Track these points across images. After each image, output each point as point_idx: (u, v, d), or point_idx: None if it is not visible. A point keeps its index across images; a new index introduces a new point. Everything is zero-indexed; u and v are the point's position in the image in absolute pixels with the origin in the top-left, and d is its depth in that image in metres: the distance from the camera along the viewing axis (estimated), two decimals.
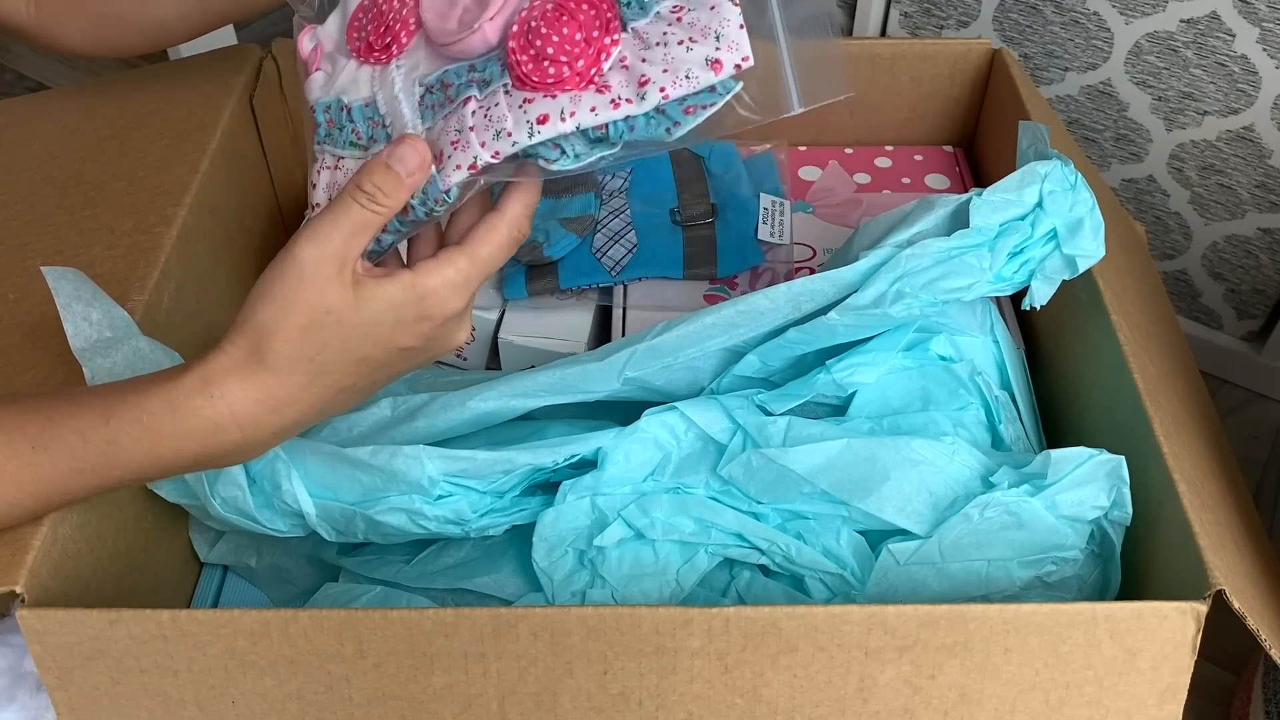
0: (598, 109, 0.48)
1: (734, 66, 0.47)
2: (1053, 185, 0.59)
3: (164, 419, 0.48)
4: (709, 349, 0.62)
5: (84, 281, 0.58)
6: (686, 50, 0.47)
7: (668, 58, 0.48)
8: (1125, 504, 0.57)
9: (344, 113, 0.55)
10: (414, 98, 0.53)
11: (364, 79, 0.55)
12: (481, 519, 0.60)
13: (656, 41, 0.48)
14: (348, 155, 0.54)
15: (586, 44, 0.49)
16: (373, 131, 0.54)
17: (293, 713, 0.52)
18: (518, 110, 0.49)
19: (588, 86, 0.48)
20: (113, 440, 0.48)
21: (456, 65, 0.52)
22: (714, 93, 0.47)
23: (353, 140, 0.54)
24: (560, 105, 0.48)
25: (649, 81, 0.48)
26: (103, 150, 0.71)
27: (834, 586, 0.59)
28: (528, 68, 0.49)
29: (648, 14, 0.49)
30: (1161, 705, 0.52)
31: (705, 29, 0.48)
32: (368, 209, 0.48)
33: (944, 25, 1.19)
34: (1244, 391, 1.21)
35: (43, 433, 0.48)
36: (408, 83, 0.53)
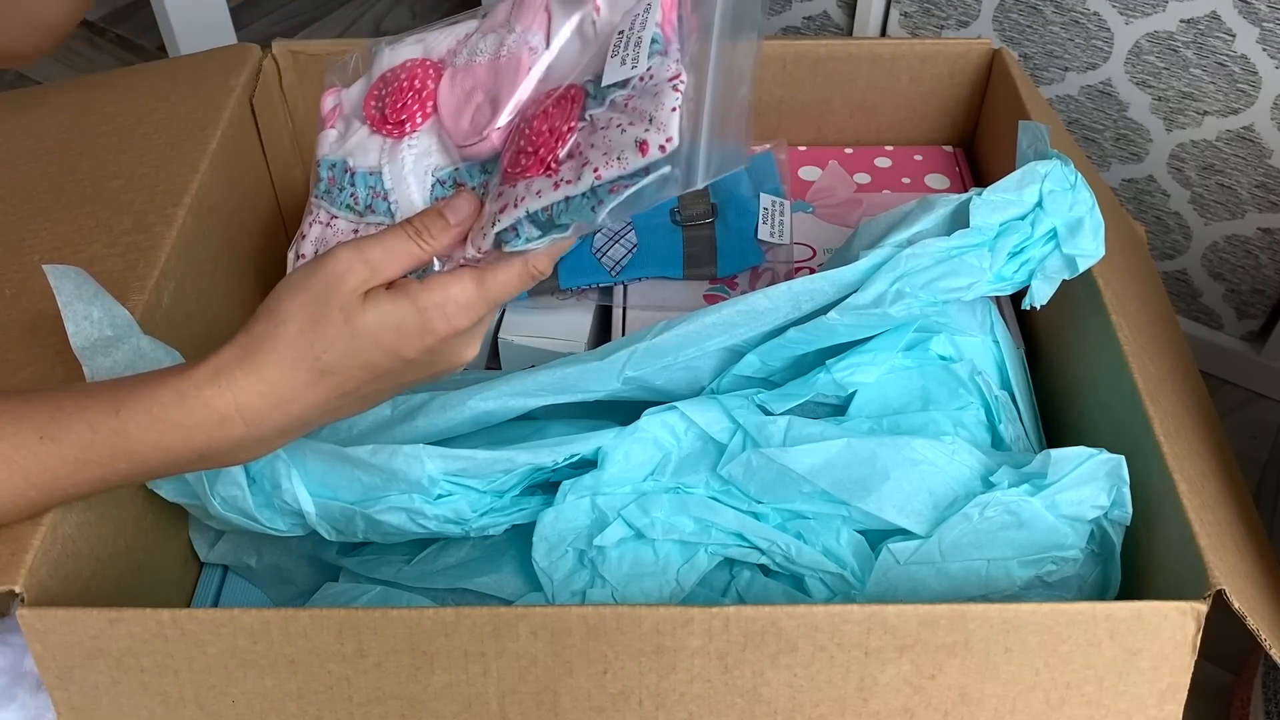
0: (543, 192, 0.50)
1: (659, 148, 0.48)
2: (1053, 185, 0.59)
3: (173, 409, 0.48)
4: (709, 349, 0.62)
5: (85, 280, 0.58)
6: (621, 132, 0.49)
7: (606, 140, 0.50)
8: (1125, 504, 0.57)
9: (347, 175, 0.58)
10: (425, 185, 0.57)
11: (373, 147, 0.58)
12: (481, 518, 0.60)
13: (603, 126, 0.50)
14: (342, 216, 0.58)
15: (550, 134, 0.52)
16: (372, 201, 0.57)
17: (293, 712, 0.52)
18: (492, 204, 0.52)
19: (543, 173, 0.51)
20: (121, 431, 0.48)
21: (469, 164, 0.56)
22: (645, 174, 0.49)
23: (349, 204, 0.58)
24: (517, 193, 0.51)
25: (587, 164, 0.50)
26: (101, 147, 0.71)
27: (834, 586, 0.59)
28: (507, 162, 0.53)
29: (604, 103, 0.51)
30: (1161, 705, 0.52)
31: (643, 113, 0.49)
32: (413, 240, 0.51)
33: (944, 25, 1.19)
34: (1244, 391, 1.21)
35: (51, 422, 0.48)
36: (419, 167, 0.57)
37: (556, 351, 0.73)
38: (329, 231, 0.58)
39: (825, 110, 0.88)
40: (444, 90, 0.58)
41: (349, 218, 0.58)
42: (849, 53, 0.85)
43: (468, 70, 0.57)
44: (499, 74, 0.56)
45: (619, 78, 0.51)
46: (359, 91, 0.61)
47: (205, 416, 0.48)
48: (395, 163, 0.57)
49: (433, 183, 0.56)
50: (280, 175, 0.85)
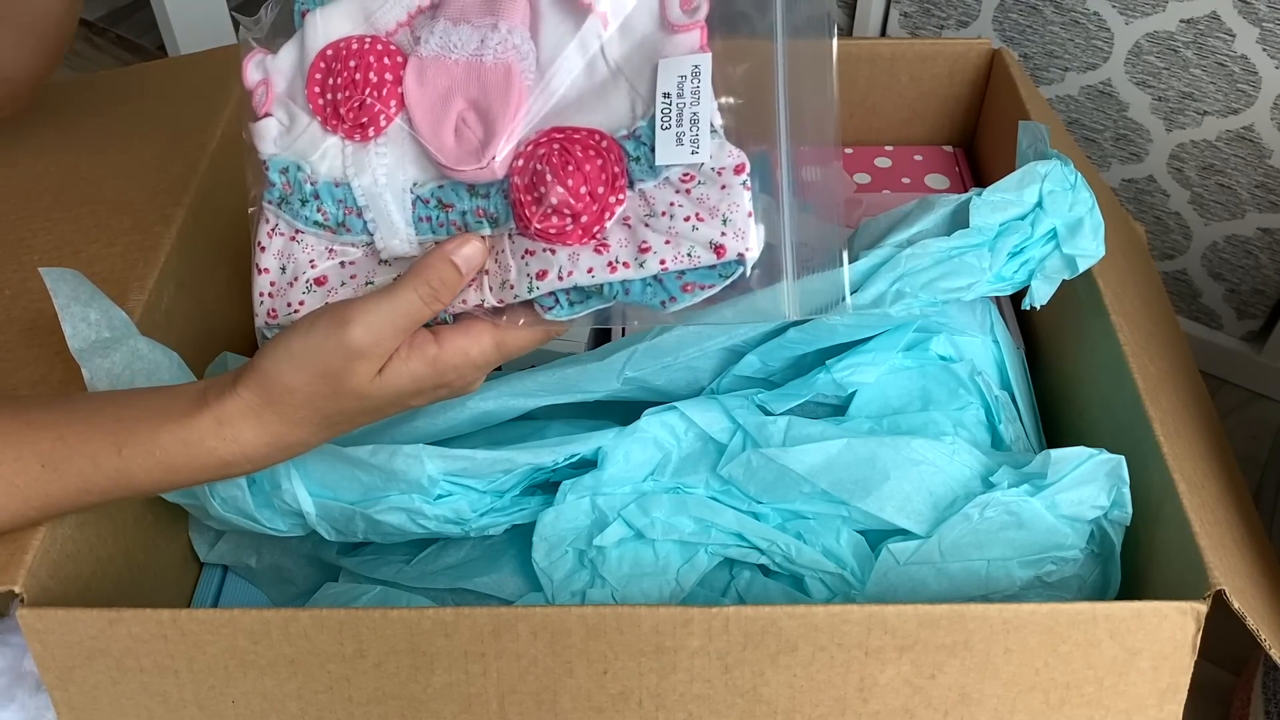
0: (595, 270, 0.47)
1: (737, 256, 0.46)
2: (1052, 185, 0.59)
3: (177, 455, 0.48)
4: (709, 349, 0.62)
5: (82, 282, 0.58)
6: (692, 228, 0.46)
7: (671, 230, 0.46)
8: (1125, 504, 0.57)
9: (308, 185, 0.52)
10: (404, 203, 0.51)
11: (333, 152, 0.52)
12: (481, 518, 0.60)
13: (662, 211, 0.47)
14: (309, 231, 0.52)
15: (592, 199, 0.47)
16: (345, 218, 0.51)
17: (293, 712, 0.52)
18: (519, 260, 0.48)
19: (588, 242, 0.47)
20: (124, 470, 0.48)
21: (454, 183, 0.50)
22: (714, 272, 0.46)
23: (318, 220, 0.52)
24: (559, 262, 0.47)
25: (650, 250, 0.46)
26: (100, 147, 0.71)
27: (834, 586, 0.59)
28: (530, 210, 0.48)
29: (656, 177, 0.47)
30: (1161, 705, 0.52)
31: (714, 209, 0.46)
32: (427, 305, 0.48)
33: (944, 25, 1.19)
34: (1244, 391, 1.21)
35: (53, 452, 0.48)
36: (394, 182, 0.51)
37: (556, 351, 0.73)
38: (296, 247, 0.52)
39: None
40: (411, 87, 0.50)
41: (318, 234, 0.52)
42: (849, 53, 0.85)
43: (439, 65, 0.50)
44: (484, 82, 0.49)
45: (675, 160, 0.47)
46: (290, 63, 0.52)
47: (210, 462, 0.49)
48: (365, 174, 0.51)
49: (413, 199, 0.51)
50: None
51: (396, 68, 0.51)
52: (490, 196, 0.50)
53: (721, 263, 0.46)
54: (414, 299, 0.47)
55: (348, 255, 0.52)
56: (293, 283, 0.52)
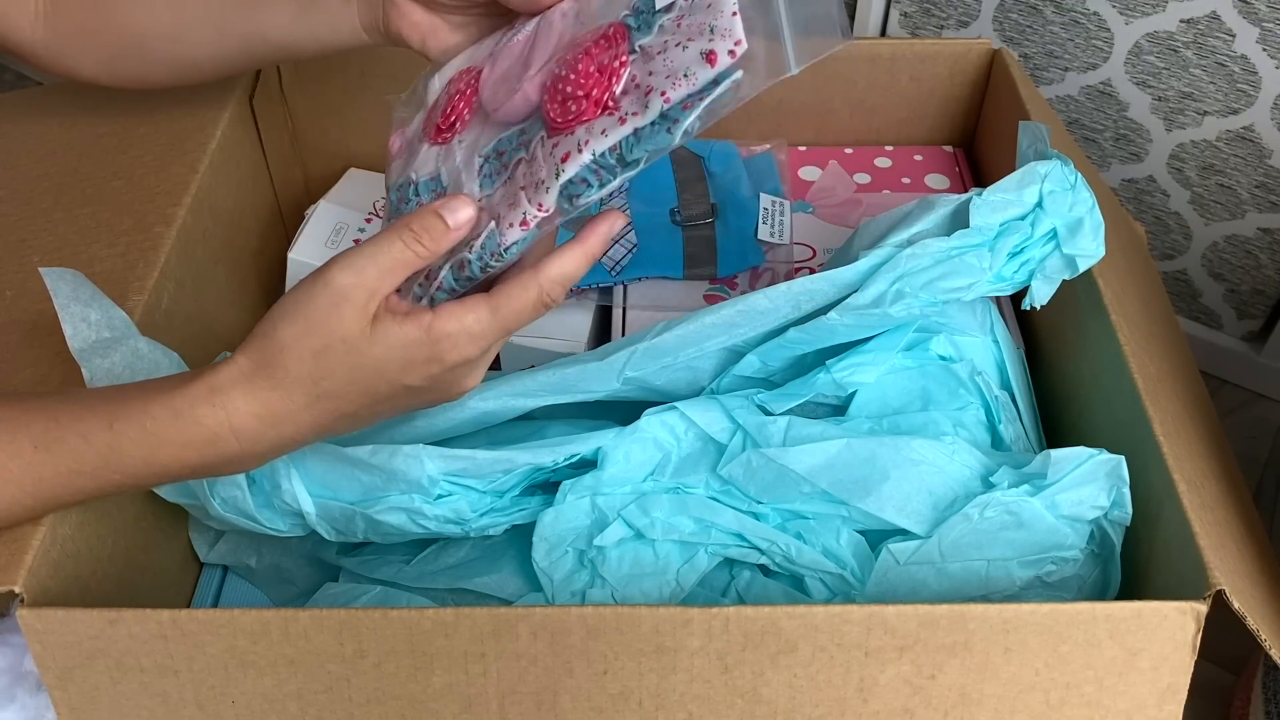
0: (608, 131, 0.49)
1: (728, 54, 0.47)
2: (1053, 185, 0.59)
3: (167, 425, 0.48)
4: (709, 349, 0.62)
5: (82, 282, 0.58)
6: (682, 50, 0.48)
7: (667, 63, 0.48)
8: (1125, 504, 0.57)
9: (411, 188, 0.57)
10: (474, 168, 0.54)
11: (431, 158, 0.57)
12: (481, 518, 0.60)
13: (658, 51, 0.49)
14: None
15: (600, 73, 0.50)
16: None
17: (293, 713, 0.52)
18: (549, 157, 0.50)
19: (602, 113, 0.49)
20: (114, 445, 0.48)
21: (509, 132, 0.54)
22: (716, 85, 0.47)
23: None
24: (577, 139, 0.49)
25: (651, 90, 0.48)
26: (101, 148, 0.71)
27: (834, 586, 0.59)
28: (555, 110, 0.50)
29: (652, 30, 0.50)
30: (1161, 705, 0.52)
31: (700, 26, 0.48)
32: (410, 248, 0.49)
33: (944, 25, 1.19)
34: (1244, 391, 1.21)
35: (46, 433, 0.48)
36: (468, 156, 0.55)
37: (556, 351, 0.73)
38: None
39: (825, 110, 0.88)
40: (485, 77, 0.57)
41: None
42: (849, 53, 0.85)
43: (507, 50, 0.56)
44: (534, 40, 0.55)
45: (665, 1, 0.49)
46: (418, 121, 0.60)
47: (198, 434, 0.48)
48: (450, 161, 0.56)
49: (480, 162, 0.54)
50: (280, 175, 0.85)
51: (479, 78, 0.57)
52: (530, 128, 0.52)
53: (719, 71, 0.47)
54: (396, 241, 0.48)
55: None
56: None
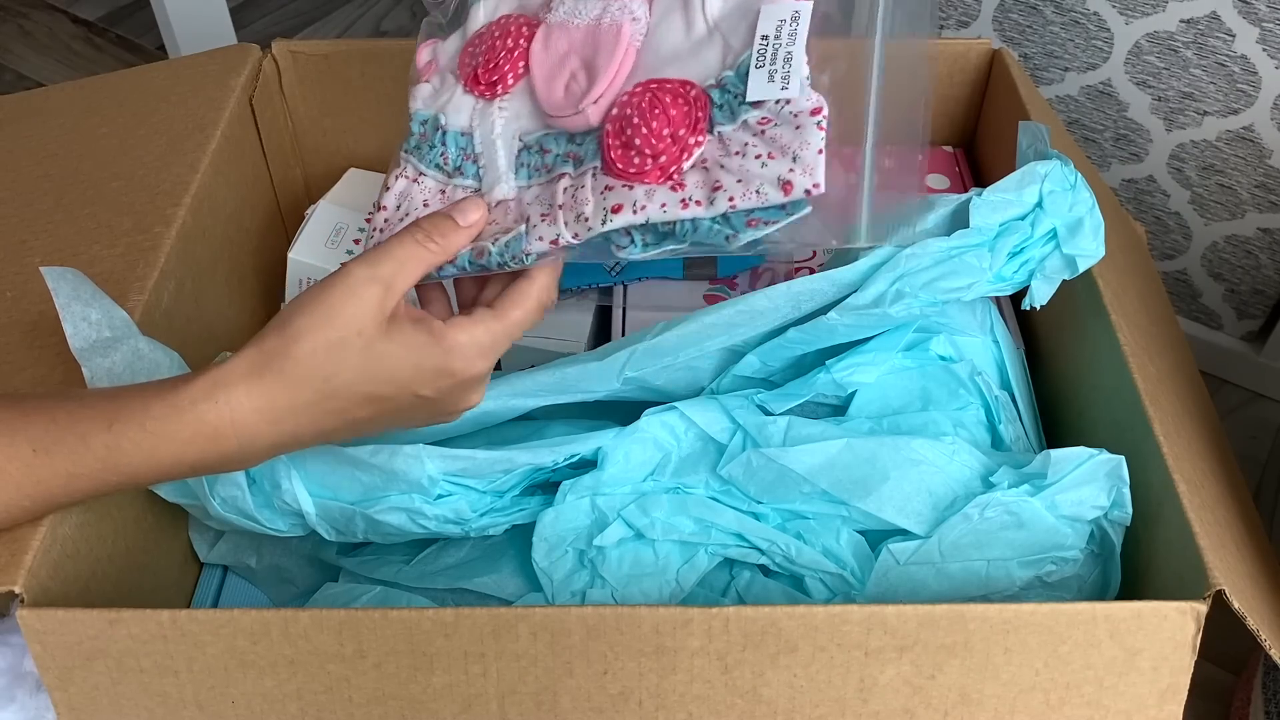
0: (668, 206, 0.49)
1: (804, 191, 0.47)
2: (1052, 185, 0.59)
3: (167, 423, 0.48)
4: (709, 349, 0.62)
5: (83, 281, 0.57)
6: (762, 166, 0.48)
7: (743, 169, 0.48)
8: (1125, 504, 0.57)
9: (439, 132, 0.57)
10: (512, 150, 0.55)
11: (465, 107, 0.57)
12: (481, 518, 0.60)
13: (736, 150, 0.49)
14: (429, 174, 0.57)
15: (673, 141, 0.50)
16: (460, 163, 0.56)
17: (293, 713, 0.52)
18: (598, 196, 0.51)
19: (665, 181, 0.50)
20: (113, 445, 0.48)
21: (557, 133, 0.54)
22: (782, 211, 0.48)
23: (439, 163, 0.57)
24: (635, 197, 0.50)
25: (721, 188, 0.48)
26: (101, 149, 0.71)
27: (834, 586, 0.59)
28: (616, 153, 0.51)
29: (735, 121, 0.50)
30: (1161, 705, 0.52)
31: (785, 147, 0.48)
32: (423, 246, 0.50)
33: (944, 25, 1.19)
34: (1244, 391, 1.21)
35: (44, 435, 0.48)
36: (507, 131, 0.55)
37: (556, 351, 0.73)
38: (415, 188, 0.57)
39: None
40: (537, 50, 0.56)
41: (436, 177, 0.57)
42: None
43: (564, 30, 0.55)
44: (597, 42, 0.54)
45: (765, 95, 0.49)
46: (455, 46, 0.59)
47: (198, 431, 0.48)
48: (486, 124, 0.56)
49: (519, 148, 0.55)
50: (280, 175, 0.85)
51: (530, 35, 0.56)
52: (584, 144, 0.53)
53: (790, 200, 0.48)
54: (409, 239, 0.50)
55: (457, 197, 0.56)
56: (404, 218, 0.56)
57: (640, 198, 0.50)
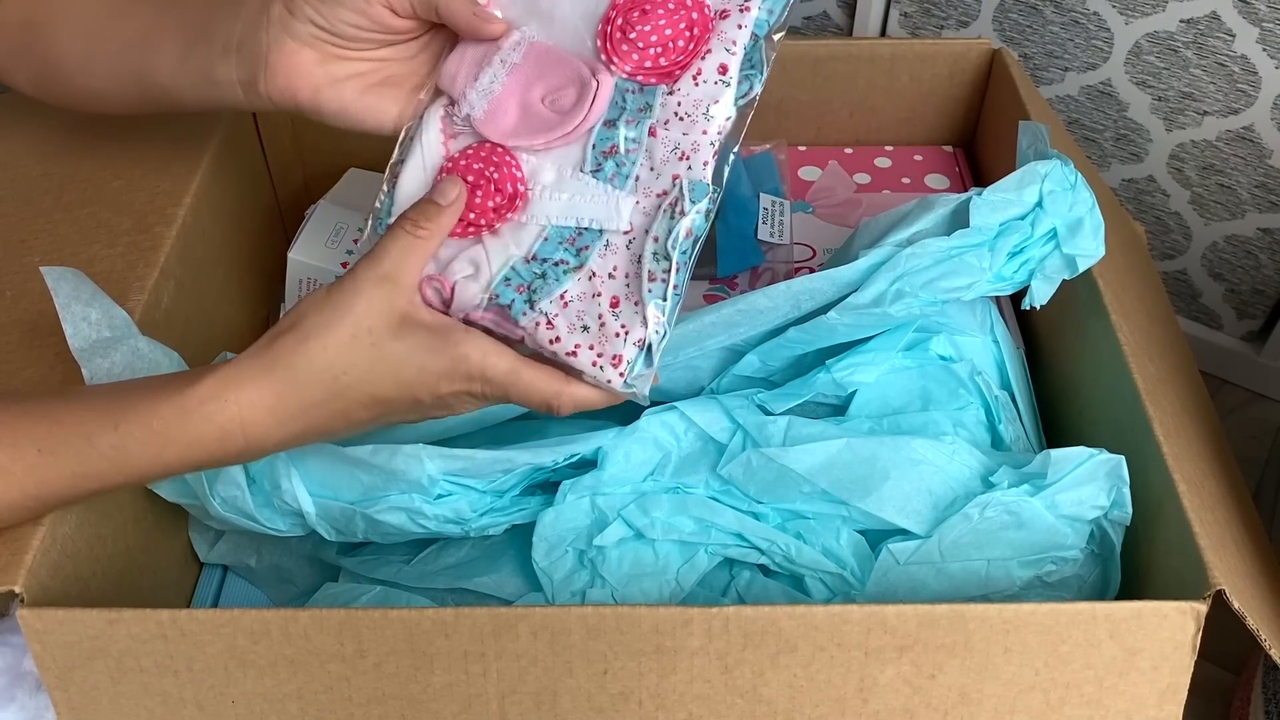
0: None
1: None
2: (1052, 185, 0.59)
3: (174, 425, 0.48)
4: (709, 348, 0.62)
5: (83, 281, 0.57)
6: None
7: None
8: (1125, 503, 0.57)
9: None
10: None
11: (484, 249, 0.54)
12: (481, 518, 0.60)
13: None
14: None
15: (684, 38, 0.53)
16: None
17: (293, 713, 0.52)
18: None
19: None
20: (119, 446, 0.48)
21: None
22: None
23: None
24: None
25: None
26: (101, 148, 0.71)
27: (834, 586, 0.59)
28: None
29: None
30: (1161, 705, 0.52)
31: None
32: (413, 234, 0.50)
33: (944, 25, 1.19)
34: (1244, 391, 1.21)
35: (49, 435, 0.48)
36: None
37: None
38: None
39: (825, 110, 0.88)
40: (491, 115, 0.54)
41: None
42: (849, 53, 0.85)
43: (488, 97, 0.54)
44: (546, 63, 0.55)
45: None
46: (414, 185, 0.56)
47: (207, 431, 0.48)
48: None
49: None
50: (280, 175, 0.85)
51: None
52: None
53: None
54: (399, 232, 0.51)
55: None
56: None
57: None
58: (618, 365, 0.50)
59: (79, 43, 0.60)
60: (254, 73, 0.55)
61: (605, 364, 0.50)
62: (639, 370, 0.51)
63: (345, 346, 0.48)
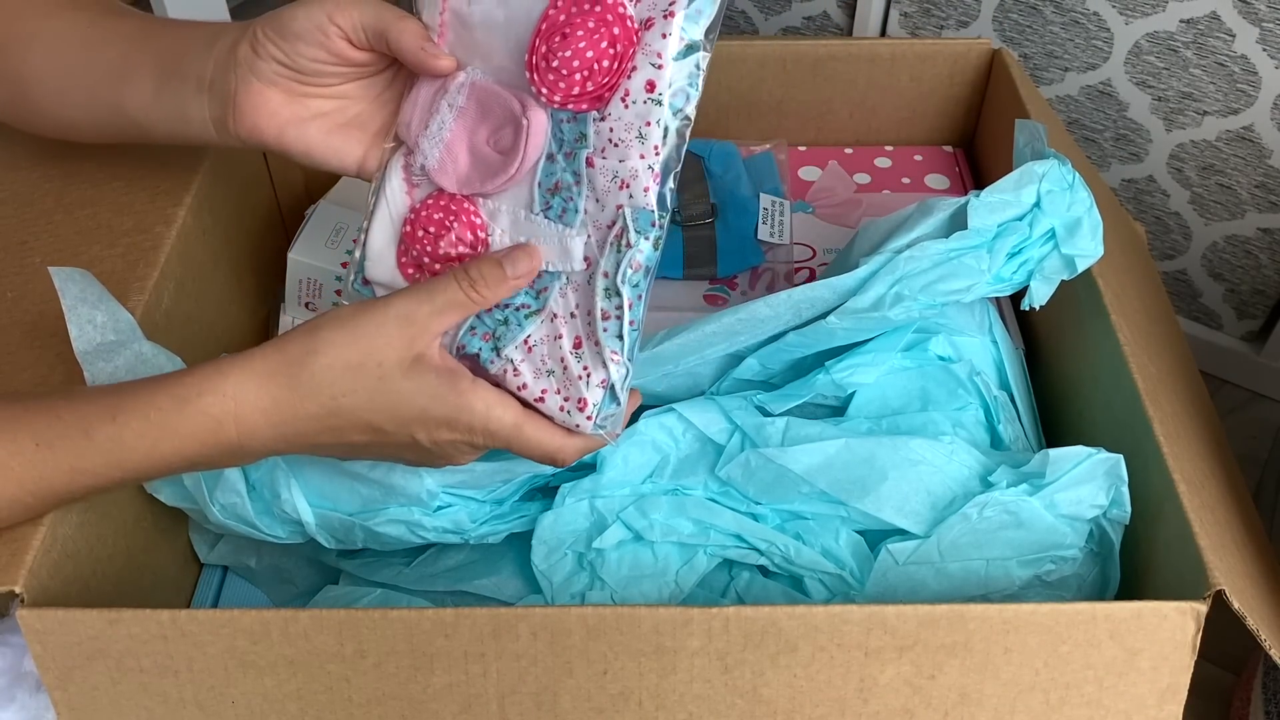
0: None
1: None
2: (1050, 185, 0.59)
3: (172, 414, 0.48)
4: (710, 356, 0.62)
5: (91, 283, 0.57)
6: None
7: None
8: (1124, 503, 0.57)
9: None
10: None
11: None
12: (481, 527, 0.60)
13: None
14: None
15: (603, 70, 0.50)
16: None
17: (293, 713, 0.52)
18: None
19: None
20: (117, 437, 0.48)
21: None
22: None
23: None
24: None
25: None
26: (101, 148, 0.71)
27: (833, 586, 0.59)
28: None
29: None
30: (1161, 705, 0.52)
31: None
32: (465, 292, 0.50)
33: (944, 25, 1.19)
34: (1244, 391, 1.21)
35: (47, 429, 0.48)
36: None
37: None
38: None
39: (825, 110, 0.88)
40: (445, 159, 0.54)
41: None
42: (849, 53, 0.85)
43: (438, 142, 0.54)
44: (485, 107, 0.54)
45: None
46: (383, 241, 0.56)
47: (202, 423, 0.48)
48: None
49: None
50: (280, 175, 0.85)
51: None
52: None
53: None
54: (452, 284, 0.50)
55: None
56: None
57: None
58: (584, 409, 0.50)
59: (53, 71, 0.60)
60: (224, 111, 0.55)
61: (571, 408, 0.50)
62: (606, 411, 0.51)
63: (352, 371, 0.48)
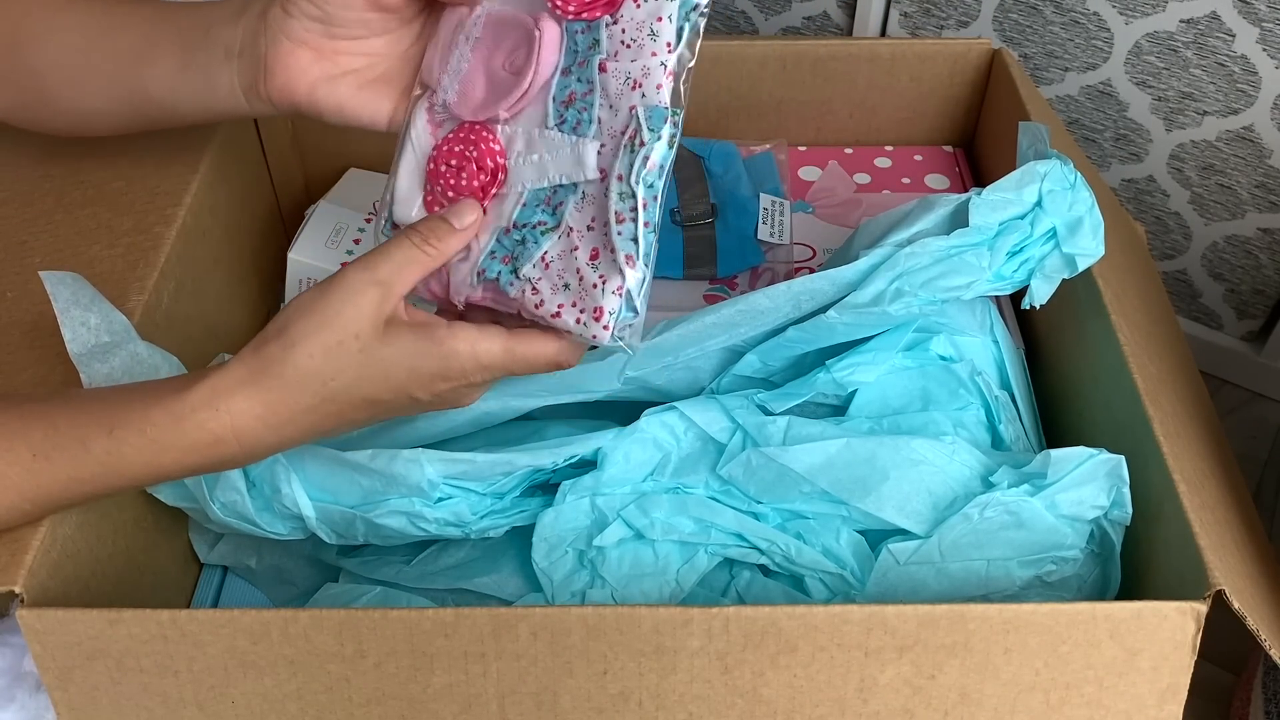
0: None
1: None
2: (1052, 184, 0.59)
3: (168, 431, 0.48)
4: (709, 348, 0.62)
5: (82, 285, 0.57)
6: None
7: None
8: (1125, 503, 0.57)
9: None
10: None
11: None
12: (481, 520, 0.60)
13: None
14: None
15: None
16: None
17: (293, 713, 0.52)
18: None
19: None
20: (114, 451, 0.48)
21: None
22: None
23: None
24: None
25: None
26: (101, 148, 0.71)
27: (834, 586, 0.59)
28: None
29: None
30: (1161, 705, 0.52)
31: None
32: (419, 248, 0.50)
33: (944, 25, 1.19)
34: (1244, 391, 1.21)
35: (45, 439, 0.48)
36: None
37: None
38: None
39: (825, 110, 0.88)
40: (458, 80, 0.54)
41: None
42: (849, 53, 0.85)
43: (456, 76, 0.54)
44: (498, 34, 0.54)
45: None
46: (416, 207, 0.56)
47: (199, 439, 0.48)
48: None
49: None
50: (280, 175, 0.85)
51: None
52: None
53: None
54: (405, 242, 0.50)
55: None
56: None
57: None
58: (600, 318, 0.49)
59: (71, 61, 0.60)
60: (254, 76, 0.56)
61: (588, 319, 0.49)
62: (623, 319, 0.49)
63: (332, 353, 0.48)
